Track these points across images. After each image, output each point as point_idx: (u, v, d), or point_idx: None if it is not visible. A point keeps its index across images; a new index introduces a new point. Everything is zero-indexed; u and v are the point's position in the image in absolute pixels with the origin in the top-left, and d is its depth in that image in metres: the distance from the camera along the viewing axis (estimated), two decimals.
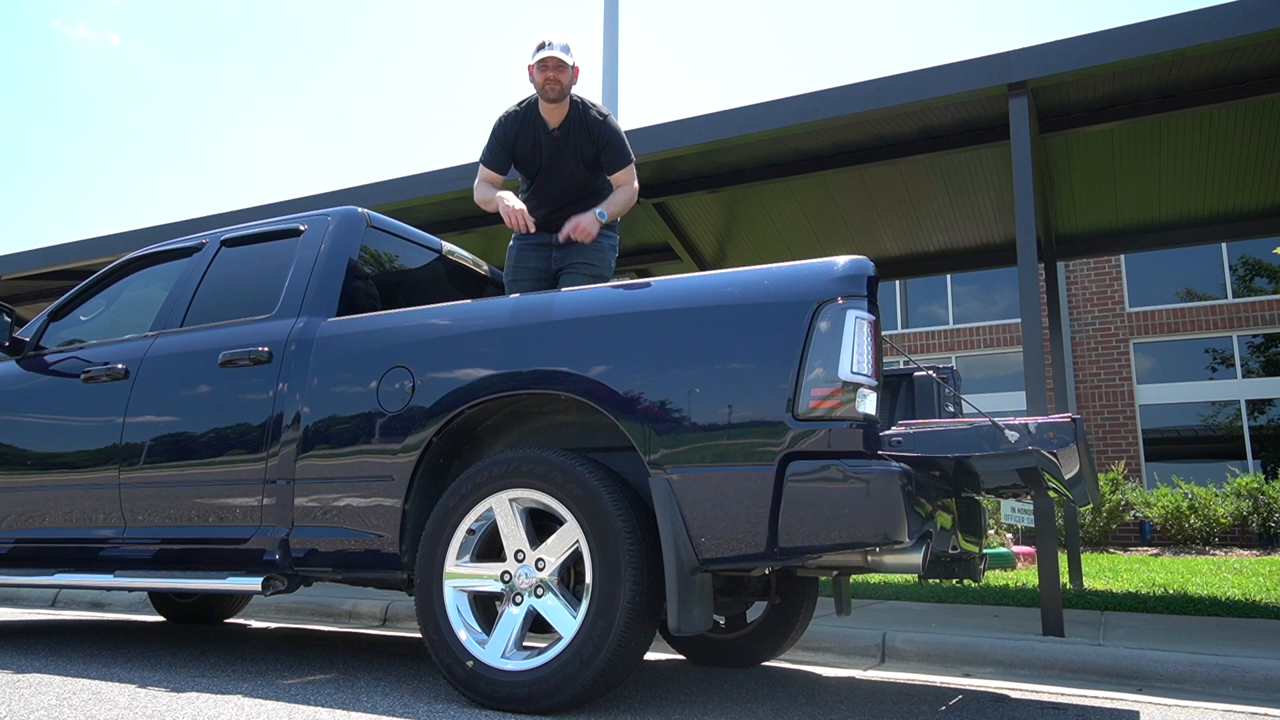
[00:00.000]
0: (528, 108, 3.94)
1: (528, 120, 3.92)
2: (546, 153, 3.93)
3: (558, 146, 3.92)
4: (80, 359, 3.72)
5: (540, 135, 3.92)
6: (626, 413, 2.53)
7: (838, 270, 2.45)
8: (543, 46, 3.81)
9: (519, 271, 4.01)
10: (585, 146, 3.93)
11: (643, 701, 2.80)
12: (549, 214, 3.97)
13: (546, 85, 3.81)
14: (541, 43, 3.84)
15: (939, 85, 4.98)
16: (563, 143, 3.91)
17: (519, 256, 4.03)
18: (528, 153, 3.95)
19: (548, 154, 3.93)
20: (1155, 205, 6.94)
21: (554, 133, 3.91)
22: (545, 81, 3.80)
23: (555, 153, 3.93)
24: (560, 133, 3.90)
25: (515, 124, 3.93)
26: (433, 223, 7.23)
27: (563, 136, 3.91)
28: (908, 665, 3.93)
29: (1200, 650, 3.68)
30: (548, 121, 3.90)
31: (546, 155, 3.94)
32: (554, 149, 3.92)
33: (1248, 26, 4.33)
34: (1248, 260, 15.64)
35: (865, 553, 2.42)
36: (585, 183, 4.03)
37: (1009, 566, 8.92)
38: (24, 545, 3.64)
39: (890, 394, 3.47)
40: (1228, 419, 15.35)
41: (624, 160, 3.98)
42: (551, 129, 3.91)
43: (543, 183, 4.00)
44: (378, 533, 2.86)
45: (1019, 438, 2.42)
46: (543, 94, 3.84)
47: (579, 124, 3.91)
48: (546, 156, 3.94)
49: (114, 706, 2.54)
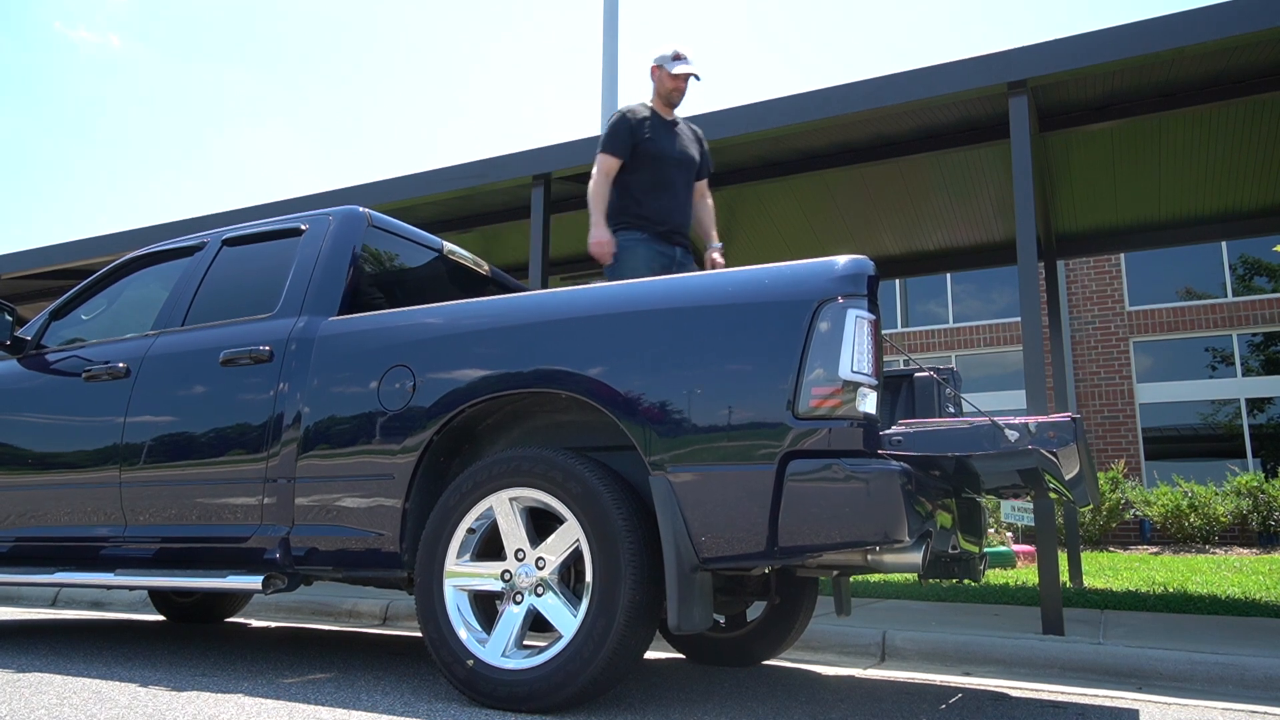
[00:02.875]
0: (646, 106, 4.39)
1: (651, 116, 4.34)
2: (671, 141, 4.35)
3: (682, 139, 4.41)
4: (81, 358, 3.72)
5: (662, 127, 4.36)
6: (627, 412, 2.54)
7: (838, 269, 2.45)
8: (681, 58, 4.29)
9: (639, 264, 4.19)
10: (695, 146, 4.50)
11: (643, 700, 2.80)
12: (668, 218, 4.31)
13: (675, 94, 4.36)
14: (679, 54, 4.31)
15: (939, 84, 4.98)
16: (684, 136, 4.43)
17: (646, 255, 4.24)
18: (652, 139, 4.28)
19: (673, 142, 4.35)
20: (1155, 204, 6.94)
21: (675, 126, 4.44)
22: (675, 90, 4.35)
23: (680, 143, 4.38)
24: (680, 128, 4.46)
25: (638, 118, 4.30)
26: (433, 222, 7.23)
27: (684, 131, 4.46)
28: (908, 664, 3.94)
29: (1200, 649, 3.69)
30: (663, 116, 4.40)
31: (672, 143, 4.34)
32: (680, 141, 4.39)
33: (1247, 25, 4.33)
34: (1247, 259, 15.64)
35: (865, 552, 2.42)
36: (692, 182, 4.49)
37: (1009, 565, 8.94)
38: (25, 544, 3.64)
39: (890, 394, 3.47)
40: (1227, 418, 15.36)
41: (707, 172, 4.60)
42: (674, 123, 4.44)
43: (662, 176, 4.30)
44: (378, 531, 2.86)
45: (1019, 437, 2.42)
46: (668, 100, 4.38)
47: (686, 128, 4.51)
48: (671, 144, 4.34)
49: (115, 706, 2.55)
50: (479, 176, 6.29)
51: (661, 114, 4.40)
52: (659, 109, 4.40)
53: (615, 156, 4.27)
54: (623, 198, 4.30)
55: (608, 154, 4.28)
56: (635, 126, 4.27)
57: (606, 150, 4.29)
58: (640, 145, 4.26)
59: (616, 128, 4.28)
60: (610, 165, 4.27)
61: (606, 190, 4.27)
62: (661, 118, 4.38)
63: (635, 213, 4.25)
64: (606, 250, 4.16)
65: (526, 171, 6.12)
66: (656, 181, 4.28)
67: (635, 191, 4.27)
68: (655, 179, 4.28)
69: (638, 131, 4.27)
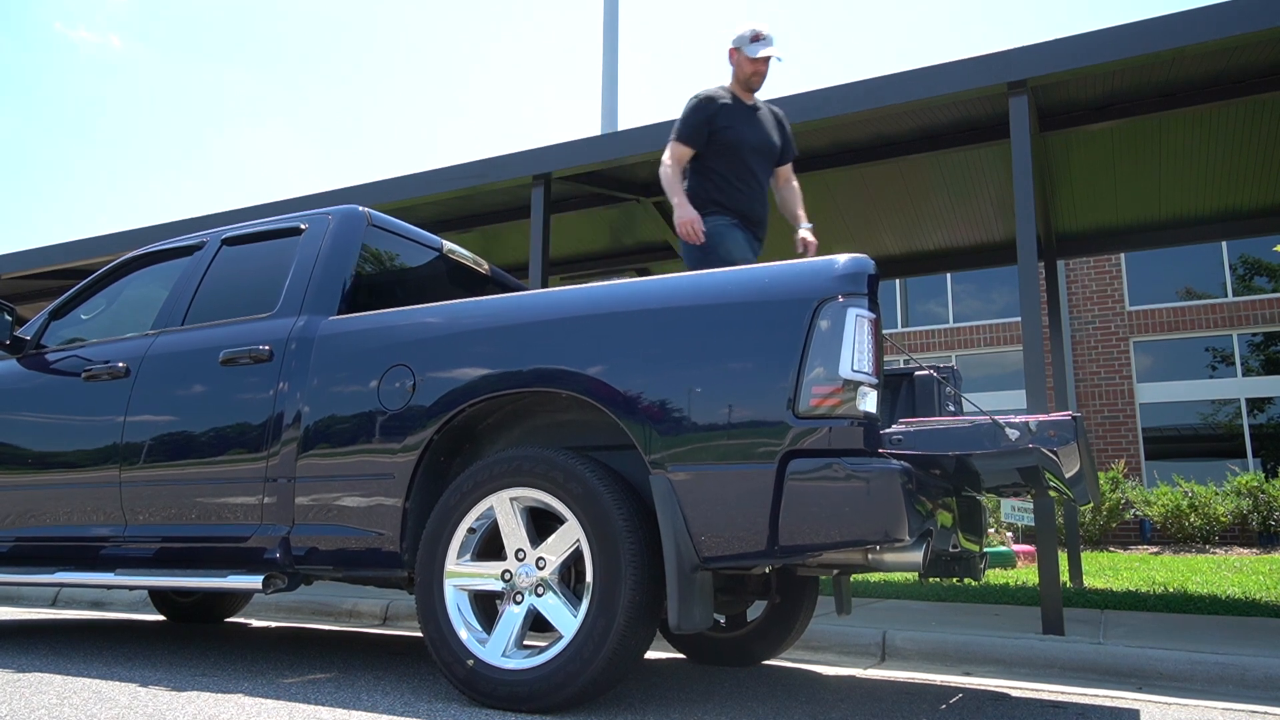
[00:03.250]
0: (725, 90, 4.18)
1: (730, 103, 4.13)
2: (751, 129, 4.15)
3: (763, 125, 4.21)
4: (81, 357, 3.72)
5: (741, 113, 4.14)
6: (627, 411, 2.53)
7: (838, 268, 2.45)
8: (761, 39, 4.08)
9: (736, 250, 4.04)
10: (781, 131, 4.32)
11: (643, 700, 2.80)
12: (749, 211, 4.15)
13: (755, 78, 4.14)
14: (760, 35, 4.10)
15: (939, 84, 4.98)
16: (764, 122, 4.23)
17: (743, 238, 4.12)
18: (731, 126, 4.09)
19: (753, 130, 4.16)
20: (1155, 204, 6.94)
21: (756, 111, 4.22)
22: (755, 74, 4.13)
23: (761, 130, 4.20)
24: (761, 113, 4.25)
25: (716, 104, 4.09)
26: (433, 222, 7.23)
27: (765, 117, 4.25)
28: (908, 664, 3.93)
29: (1200, 649, 3.68)
30: (744, 100, 4.19)
31: (751, 130, 4.15)
32: (760, 127, 4.20)
33: (1247, 25, 4.33)
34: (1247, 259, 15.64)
35: (866, 551, 2.42)
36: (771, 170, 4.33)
37: (1009, 565, 8.93)
38: (25, 544, 3.64)
39: (891, 393, 3.47)
40: (1228, 417, 15.36)
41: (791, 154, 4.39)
42: (754, 108, 4.23)
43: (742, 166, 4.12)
44: (378, 531, 2.86)
45: (1019, 436, 2.42)
46: (747, 84, 4.17)
47: (768, 112, 4.30)
48: (751, 132, 4.15)
49: (115, 705, 2.54)
50: (479, 176, 6.29)
51: (741, 99, 4.19)
52: (739, 94, 4.20)
53: (688, 146, 4.10)
54: (704, 183, 4.14)
55: (681, 143, 4.11)
56: (713, 114, 4.07)
57: (680, 139, 4.11)
58: (718, 134, 4.08)
59: (693, 115, 4.09)
60: (682, 154, 4.10)
61: (679, 177, 4.09)
62: (742, 103, 4.18)
63: (718, 199, 4.07)
64: (696, 229, 3.93)
65: (526, 171, 6.12)
66: (736, 171, 4.11)
67: (716, 179, 4.11)
68: (734, 168, 4.10)
69: (715, 120, 4.07)
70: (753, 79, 4.16)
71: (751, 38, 4.12)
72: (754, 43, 4.11)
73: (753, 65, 4.12)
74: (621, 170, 6.49)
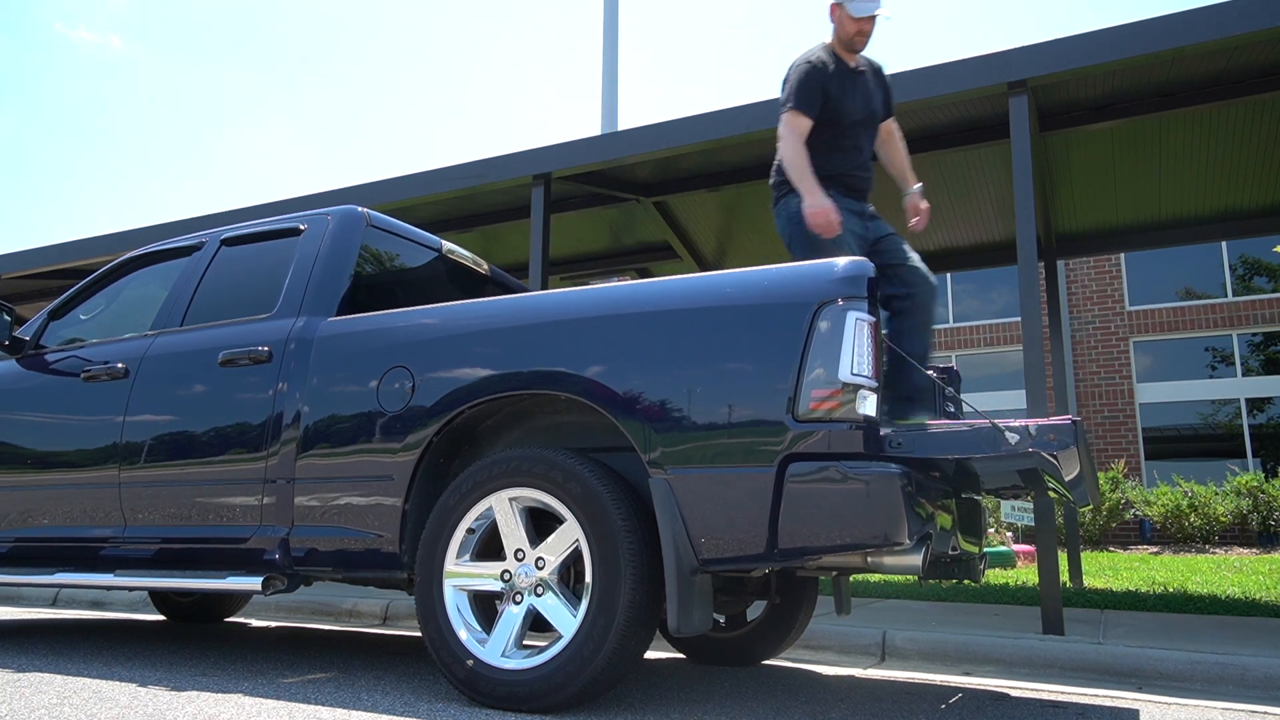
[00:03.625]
0: (829, 52, 3.74)
1: (834, 64, 3.71)
2: (856, 96, 3.75)
3: (866, 88, 3.79)
4: (80, 358, 3.72)
5: (847, 79, 3.73)
6: (626, 413, 2.53)
7: (838, 271, 2.45)
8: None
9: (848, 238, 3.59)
10: (882, 90, 3.90)
11: (643, 700, 2.80)
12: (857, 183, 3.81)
13: (859, 38, 3.71)
14: None
15: (939, 84, 4.98)
16: (868, 85, 3.81)
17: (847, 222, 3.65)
18: (838, 96, 3.68)
19: (858, 98, 3.75)
20: (1155, 204, 6.94)
21: (860, 75, 3.78)
22: (859, 34, 3.70)
23: (864, 96, 3.78)
24: (864, 76, 3.81)
25: (824, 69, 3.66)
26: (433, 222, 7.23)
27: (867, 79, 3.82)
28: (908, 664, 3.94)
29: (1200, 649, 3.68)
30: (847, 62, 3.76)
31: (856, 99, 3.75)
32: (864, 92, 3.78)
33: (1247, 25, 4.33)
34: (1247, 259, 15.65)
35: (865, 554, 2.42)
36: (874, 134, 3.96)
37: (1009, 565, 8.94)
38: (24, 544, 3.64)
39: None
40: (1227, 417, 15.36)
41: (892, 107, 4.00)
42: (858, 70, 3.79)
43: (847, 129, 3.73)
44: (378, 532, 2.86)
45: (1019, 439, 2.42)
46: (850, 45, 3.73)
47: (869, 71, 3.86)
48: (856, 100, 3.75)
49: (115, 705, 2.55)
50: (479, 176, 6.29)
51: (845, 60, 3.75)
52: (841, 55, 3.75)
53: (808, 116, 3.61)
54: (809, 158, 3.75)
55: (799, 112, 3.62)
56: (825, 81, 3.64)
57: (798, 108, 3.62)
58: (827, 103, 3.67)
59: (807, 81, 3.63)
60: (803, 126, 3.62)
61: (804, 152, 3.60)
62: (845, 65, 3.74)
63: (821, 174, 3.60)
64: (833, 219, 3.44)
65: (526, 171, 6.12)
66: (841, 142, 3.72)
67: (817, 152, 3.66)
68: (839, 138, 3.71)
69: (828, 87, 3.64)
70: (856, 39, 3.70)
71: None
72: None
73: (855, 25, 3.66)
74: (621, 170, 6.49)
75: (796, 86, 3.64)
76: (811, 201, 3.46)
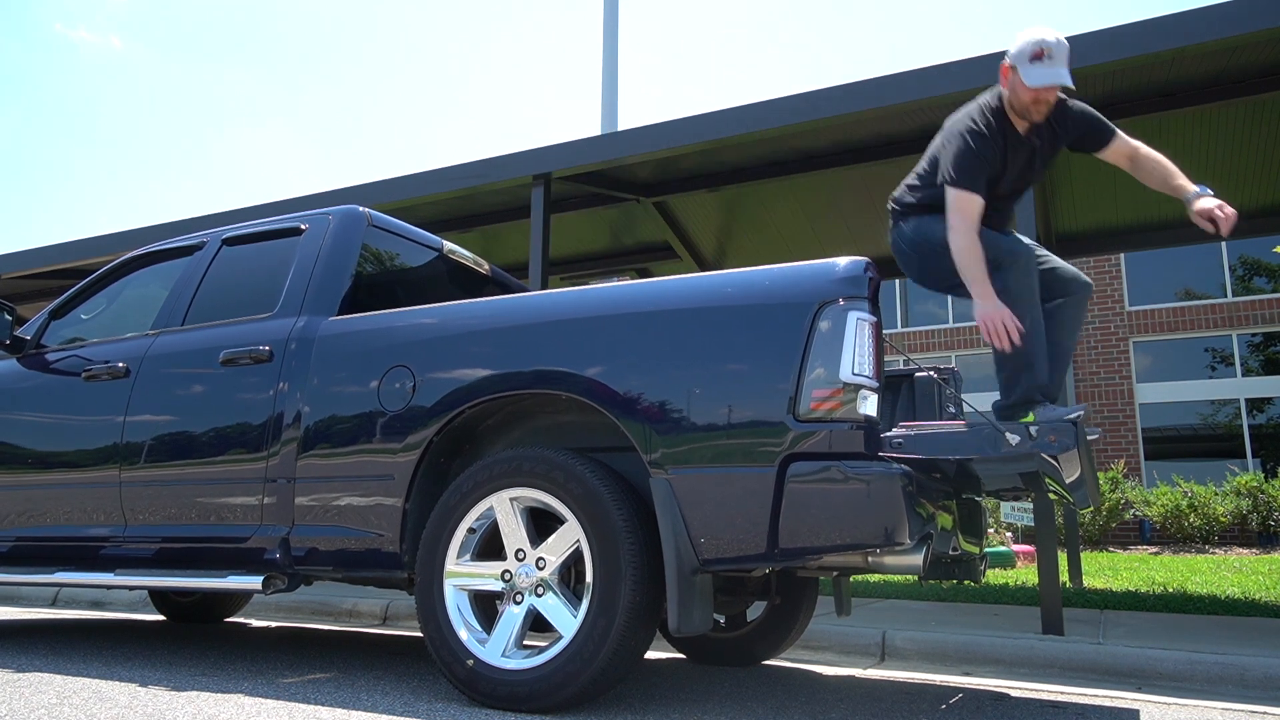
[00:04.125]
0: (996, 117, 3.16)
1: (1002, 133, 3.17)
2: (1015, 168, 3.25)
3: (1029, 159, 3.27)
4: (81, 357, 3.72)
5: (1011, 149, 3.20)
6: (627, 413, 2.53)
7: (839, 271, 2.45)
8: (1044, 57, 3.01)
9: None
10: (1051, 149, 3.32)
11: (643, 700, 2.80)
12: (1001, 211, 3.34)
13: (1035, 109, 3.10)
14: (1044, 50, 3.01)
15: (939, 84, 4.98)
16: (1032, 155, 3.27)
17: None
18: (998, 170, 3.19)
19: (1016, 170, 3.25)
20: (1155, 204, 6.94)
21: (1026, 141, 3.22)
22: (1036, 105, 3.09)
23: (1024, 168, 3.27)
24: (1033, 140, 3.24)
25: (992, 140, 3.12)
26: (433, 222, 7.23)
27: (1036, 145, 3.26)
28: (908, 664, 3.94)
29: (1200, 649, 3.69)
30: (1017, 129, 3.20)
31: (1014, 171, 3.25)
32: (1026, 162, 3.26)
33: (1247, 25, 4.33)
34: (1247, 260, 15.65)
35: (866, 554, 2.42)
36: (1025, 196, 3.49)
37: (1009, 565, 8.93)
38: (25, 544, 3.64)
39: (891, 394, 3.47)
40: (1227, 418, 15.36)
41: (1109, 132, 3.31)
42: (1023, 136, 3.21)
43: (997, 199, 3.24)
44: (378, 532, 2.86)
45: (1020, 441, 2.42)
46: (1024, 113, 3.13)
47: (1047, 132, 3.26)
48: (1014, 172, 3.25)
49: (114, 705, 2.55)
50: (479, 176, 6.29)
51: (1015, 127, 3.18)
52: (1013, 119, 3.17)
53: (979, 194, 3.06)
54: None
55: (969, 192, 3.05)
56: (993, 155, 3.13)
57: (967, 187, 3.05)
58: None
59: (975, 156, 3.08)
60: (975, 209, 3.04)
61: (978, 245, 3.01)
62: (1014, 132, 3.18)
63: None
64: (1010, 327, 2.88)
65: (526, 171, 6.12)
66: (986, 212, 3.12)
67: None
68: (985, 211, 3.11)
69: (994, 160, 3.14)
70: (1032, 109, 3.10)
71: (1032, 54, 3.03)
72: (1034, 62, 3.02)
73: (1030, 95, 3.05)
74: (621, 170, 6.49)
75: (963, 161, 3.08)
76: (984, 307, 2.94)
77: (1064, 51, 3.03)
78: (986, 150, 3.10)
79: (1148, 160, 3.35)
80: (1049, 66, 3.02)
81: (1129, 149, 3.34)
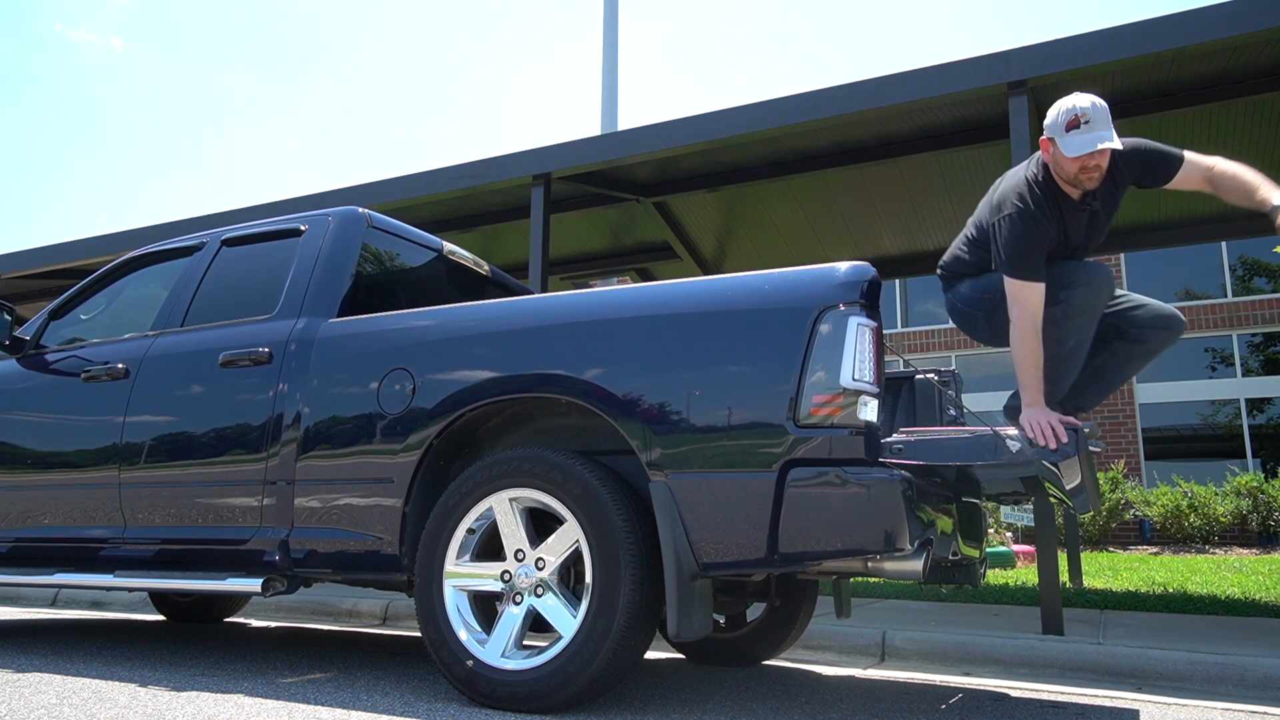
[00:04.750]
0: (1044, 189, 3.04)
1: (1051, 205, 3.04)
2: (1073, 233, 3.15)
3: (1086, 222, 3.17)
4: (80, 358, 3.72)
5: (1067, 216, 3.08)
6: (627, 416, 2.53)
7: (840, 276, 2.44)
8: (1081, 125, 2.90)
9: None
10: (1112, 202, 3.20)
11: (643, 701, 2.80)
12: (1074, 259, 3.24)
13: (1084, 176, 2.98)
14: (1079, 116, 2.91)
15: (939, 84, 4.98)
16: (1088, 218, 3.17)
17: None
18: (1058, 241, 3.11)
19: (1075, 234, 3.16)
20: (1155, 204, 6.94)
21: (1084, 206, 3.11)
22: (1083, 172, 2.97)
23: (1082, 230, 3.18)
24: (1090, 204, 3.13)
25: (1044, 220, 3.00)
26: (433, 222, 7.23)
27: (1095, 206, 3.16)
28: (907, 664, 3.94)
29: (1200, 649, 3.69)
30: (1070, 196, 3.08)
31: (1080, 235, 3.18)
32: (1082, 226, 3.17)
33: (1247, 25, 4.33)
34: (1247, 260, 15.65)
35: (866, 559, 2.42)
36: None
37: (1009, 565, 8.93)
38: (24, 544, 3.64)
39: (891, 396, 3.47)
40: (1227, 418, 15.36)
41: (1175, 160, 3.14)
42: (1078, 202, 3.10)
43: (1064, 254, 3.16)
44: (378, 534, 2.86)
45: (1020, 448, 2.42)
46: (1076, 183, 3.02)
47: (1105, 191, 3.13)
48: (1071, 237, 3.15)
49: (114, 705, 2.55)
50: (479, 176, 6.29)
51: (1068, 195, 3.08)
52: (1065, 189, 3.06)
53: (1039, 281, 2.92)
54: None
55: (1029, 282, 2.91)
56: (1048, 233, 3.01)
57: (1027, 277, 2.91)
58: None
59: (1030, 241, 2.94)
60: (1036, 299, 2.90)
61: (1038, 343, 2.90)
62: (1068, 200, 3.08)
63: None
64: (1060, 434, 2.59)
65: (526, 171, 6.12)
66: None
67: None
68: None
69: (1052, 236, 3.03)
70: (1082, 178, 2.98)
71: (1068, 124, 2.93)
72: (1071, 131, 2.91)
73: (1073, 165, 2.94)
74: (621, 170, 6.49)
75: (1017, 247, 2.94)
76: (1032, 413, 2.74)
77: (1102, 113, 2.92)
78: (1040, 230, 2.97)
79: (1224, 178, 3.17)
80: (1087, 133, 2.90)
81: (1201, 172, 3.15)
